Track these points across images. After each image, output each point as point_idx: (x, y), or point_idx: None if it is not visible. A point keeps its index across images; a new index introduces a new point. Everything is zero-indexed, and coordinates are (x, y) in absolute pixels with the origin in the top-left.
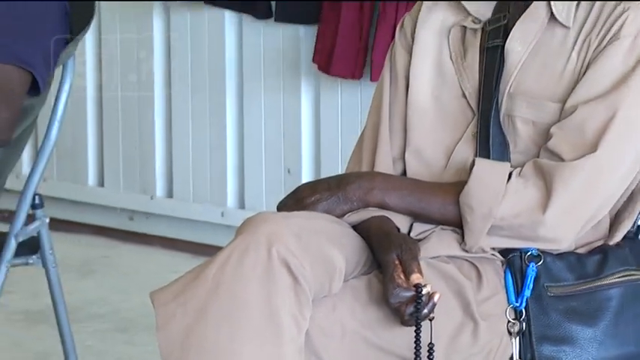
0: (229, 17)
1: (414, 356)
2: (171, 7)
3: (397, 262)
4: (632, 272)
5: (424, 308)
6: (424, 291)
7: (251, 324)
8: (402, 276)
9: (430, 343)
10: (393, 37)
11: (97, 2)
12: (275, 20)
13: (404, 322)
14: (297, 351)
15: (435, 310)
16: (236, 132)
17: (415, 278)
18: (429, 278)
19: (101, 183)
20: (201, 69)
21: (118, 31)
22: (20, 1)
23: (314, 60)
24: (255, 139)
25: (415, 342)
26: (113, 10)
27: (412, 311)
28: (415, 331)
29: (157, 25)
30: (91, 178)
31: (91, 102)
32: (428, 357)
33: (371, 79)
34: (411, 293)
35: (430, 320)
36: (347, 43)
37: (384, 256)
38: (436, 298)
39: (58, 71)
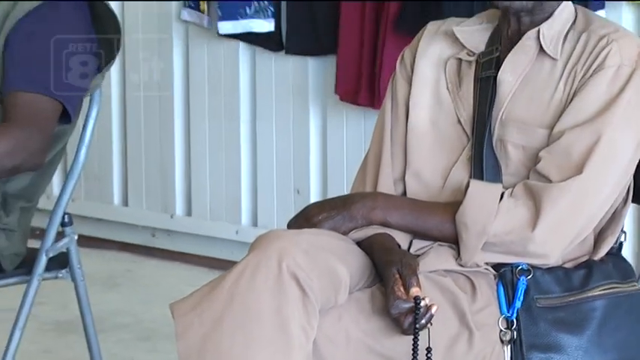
0: (243, 49)
1: None
2: (190, 40)
3: (397, 276)
4: (615, 285)
5: (422, 319)
6: (422, 303)
7: (263, 333)
8: (402, 289)
9: (428, 347)
10: (394, 68)
11: (122, 39)
12: (285, 53)
13: (404, 331)
14: (305, 358)
15: (433, 320)
16: (250, 155)
17: (414, 291)
18: (427, 290)
19: (125, 203)
20: (217, 97)
21: (141, 71)
22: (53, 37)
23: (336, 91)
24: (267, 162)
25: (413, 349)
26: (137, 58)
27: (411, 321)
28: (413, 339)
29: (177, 59)
30: (116, 198)
31: (116, 129)
32: None
33: (373, 107)
34: (410, 305)
35: (428, 329)
36: (373, 74)
37: (386, 270)
38: (434, 310)
39: (85, 100)
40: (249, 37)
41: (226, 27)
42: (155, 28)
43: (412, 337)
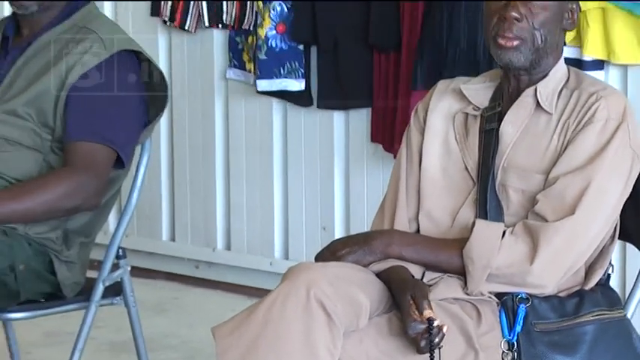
0: (276, 104)
1: None
2: (229, 96)
3: (411, 301)
4: (604, 312)
5: (436, 337)
6: (435, 323)
7: (294, 354)
8: (416, 312)
9: None
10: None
11: (169, 95)
12: (317, 107)
13: (420, 350)
14: None
15: (443, 341)
16: (282, 197)
17: (427, 314)
18: (438, 317)
19: (172, 238)
20: (253, 146)
21: (186, 123)
22: (109, 94)
23: (373, 140)
24: (297, 203)
25: None
26: (183, 111)
27: (427, 340)
28: (430, 355)
29: (218, 112)
30: (165, 234)
31: (164, 173)
32: None
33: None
34: (424, 326)
35: (439, 348)
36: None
37: (402, 297)
38: (445, 329)
39: (137, 149)
40: (283, 94)
41: (263, 85)
42: (199, 85)
43: (428, 354)
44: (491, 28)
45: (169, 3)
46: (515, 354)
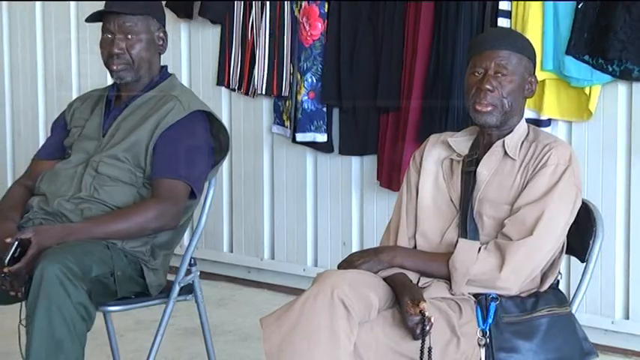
0: (309, 152)
1: (419, 357)
2: (274, 145)
3: (409, 300)
4: (554, 308)
5: (427, 326)
6: (426, 314)
7: (321, 340)
8: (413, 309)
9: (429, 347)
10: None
11: (230, 144)
12: (339, 153)
13: (415, 337)
14: (348, 355)
15: (433, 330)
16: (313, 220)
17: (421, 307)
18: (429, 310)
19: (231, 250)
20: (292, 184)
21: (242, 165)
22: (186, 142)
23: (378, 179)
24: (324, 224)
25: (421, 348)
26: (240, 157)
27: (421, 329)
28: (422, 341)
29: (266, 158)
30: (225, 247)
31: (225, 202)
32: (428, 357)
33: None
34: (419, 318)
35: (429, 334)
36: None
37: (402, 297)
38: (433, 319)
39: (205, 184)
40: (310, 144)
41: (299, 137)
42: (251, 137)
43: (421, 340)
44: (471, 97)
45: (238, 76)
46: (488, 340)
